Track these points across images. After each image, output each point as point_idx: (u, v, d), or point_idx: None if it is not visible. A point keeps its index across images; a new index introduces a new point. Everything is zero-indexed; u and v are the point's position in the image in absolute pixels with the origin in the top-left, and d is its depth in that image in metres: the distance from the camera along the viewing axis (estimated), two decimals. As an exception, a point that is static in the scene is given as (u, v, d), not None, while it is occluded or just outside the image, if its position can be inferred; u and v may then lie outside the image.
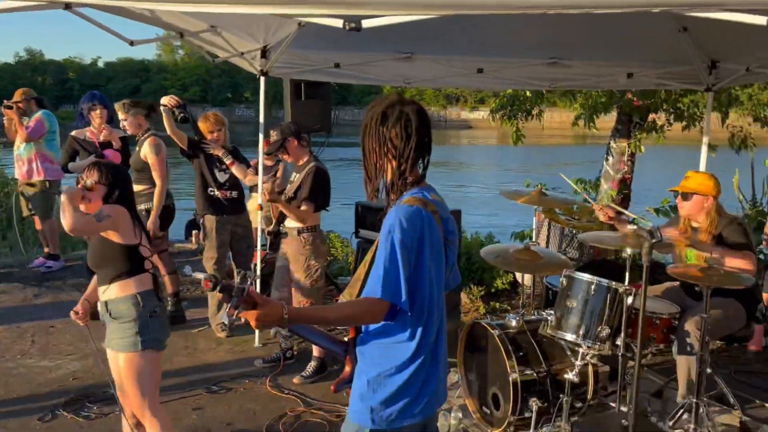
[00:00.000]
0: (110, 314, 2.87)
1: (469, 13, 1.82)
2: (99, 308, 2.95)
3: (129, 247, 2.87)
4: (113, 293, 2.86)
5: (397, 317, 1.92)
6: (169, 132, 4.75)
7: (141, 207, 5.09)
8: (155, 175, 5.13)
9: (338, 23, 1.94)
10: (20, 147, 6.35)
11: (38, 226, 6.65)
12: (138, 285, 2.87)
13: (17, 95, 6.42)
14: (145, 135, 5.16)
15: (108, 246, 2.85)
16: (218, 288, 1.74)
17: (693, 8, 1.75)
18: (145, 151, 5.10)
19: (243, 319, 1.78)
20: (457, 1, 1.77)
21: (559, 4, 1.75)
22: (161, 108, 4.60)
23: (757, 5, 1.65)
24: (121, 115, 5.17)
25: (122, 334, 2.85)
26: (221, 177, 4.94)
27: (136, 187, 5.11)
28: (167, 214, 5.26)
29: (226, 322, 1.75)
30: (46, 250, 6.73)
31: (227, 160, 4.88)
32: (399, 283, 1.84)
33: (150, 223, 5.03)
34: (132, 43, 3.30)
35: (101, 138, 5.56)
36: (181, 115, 4.62)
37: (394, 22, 1.96)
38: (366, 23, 1.94)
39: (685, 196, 3.82)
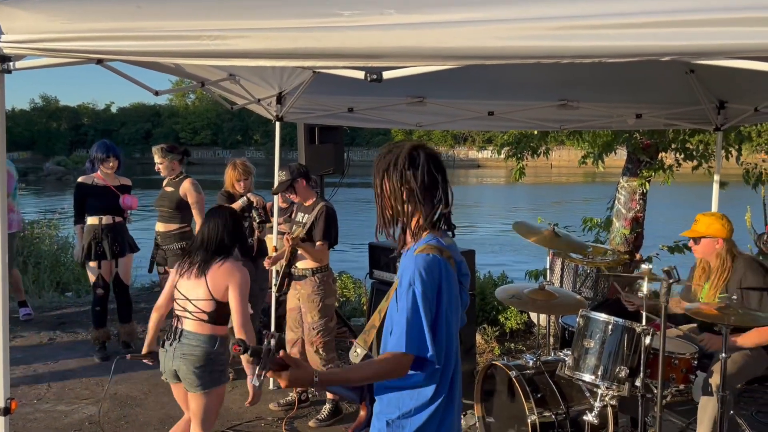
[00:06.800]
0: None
1: (485, 63, 1.90)
2: None
3: None
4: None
5: (425, 366, 1.94)
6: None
7: (175, 245, 5.20)
8: (197, 212, 5.25)
9: (360, 75, 2.03)
10: None
11: None
12: None
13: None
14: (180, 176, 5.28)
15: None
16: (249, 352, 1.76)
17: (700, 56, 1.81)
18: (186, 189, 5.19)
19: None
20: (474, 52, 1.85)
21: (572, 54, 1.82)
22: (243, 199, 4.95)
23: (762, 53, 1.71)
24: (157, 159, 5.26)
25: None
26: None
27: (169, 226, 5.25)
28: None
29: (257, 384, 1.77)
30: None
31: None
32: (424, 337, 1.88)
33: None
34: (157, 93, 3.43)
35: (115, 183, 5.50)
36: (260, 219, 4.90)
37: (413, 73, 2.04)
38: (387, 74, 2.03)
39: (696, 240, 3.80)
